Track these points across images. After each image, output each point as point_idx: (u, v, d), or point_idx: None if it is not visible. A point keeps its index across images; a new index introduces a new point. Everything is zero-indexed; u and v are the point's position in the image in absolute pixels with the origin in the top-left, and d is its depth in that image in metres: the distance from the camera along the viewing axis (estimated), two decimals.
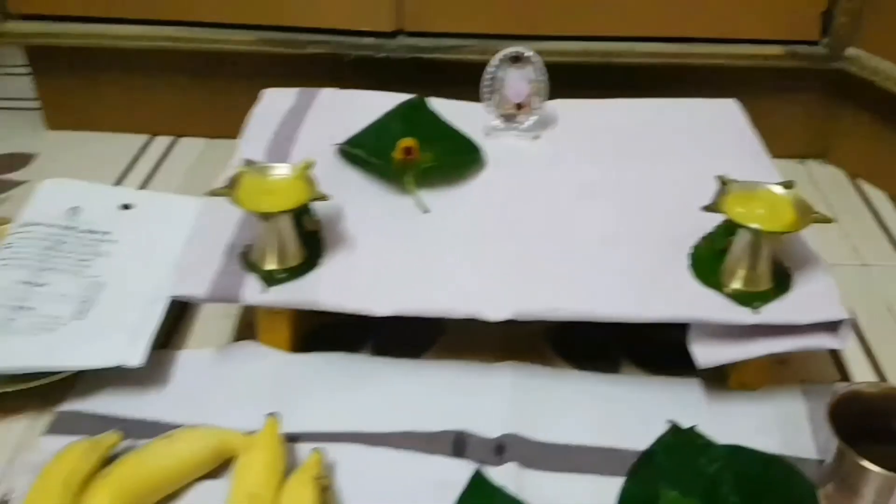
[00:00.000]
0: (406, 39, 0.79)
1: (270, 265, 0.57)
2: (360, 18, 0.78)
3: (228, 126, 0.87)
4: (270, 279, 0.56)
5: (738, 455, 0.51)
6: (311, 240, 0.60)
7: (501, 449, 0.52)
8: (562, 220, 0.63)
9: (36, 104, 0.91)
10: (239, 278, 0.57)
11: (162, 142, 0.89)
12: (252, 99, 0.79)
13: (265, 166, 0.57)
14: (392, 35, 0.79)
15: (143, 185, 0.81)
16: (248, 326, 0.64)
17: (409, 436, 0.53)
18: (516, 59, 0.69)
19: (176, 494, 0.50)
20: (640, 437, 0.53)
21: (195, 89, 0.86)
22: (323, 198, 0.56)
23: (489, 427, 0.54)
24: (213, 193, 0.55)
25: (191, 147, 0.88)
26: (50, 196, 0.70)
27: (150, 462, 0.49)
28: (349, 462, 0.52)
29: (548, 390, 0.57)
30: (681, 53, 0.78)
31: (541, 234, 0.61)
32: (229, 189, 0.55)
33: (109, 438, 0.51)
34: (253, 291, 0.56)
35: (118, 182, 0.81)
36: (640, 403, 0.56)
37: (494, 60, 0.69)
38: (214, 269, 0.57)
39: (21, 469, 0.52)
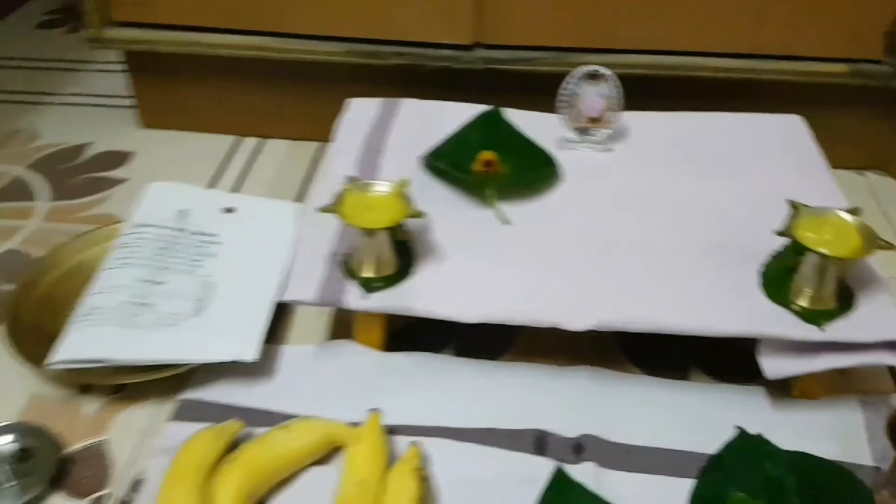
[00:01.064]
0: (483, 52, 0.83)
1: (367, 273, 0.63)
2: (440, 32, 0.83)
3: (310, 129, 0.93)
4: (369, 286, 0.62)
5: (801, 461, 0.56)
6: (403, 249, 0.65)
7: (580, 448, 0.57)
8: (637, 232, 0.67)
9: (130, 102, 0.98)
10: (341, 285, 0.62)
11: (249, 143, 0.94)
12: (332, 104, 0.84)
13: (366, 183, 0.62)
14: (470, 48, 0.84)
15: (237, 186, 0.87)
16: (340, 323, 0.70)
17: (492, 432, 0.59)
18: (593, 76, 0.73)
19: (290, 478, 0.56)
20: (709, 441, 0.57)
21: (280, 94, 0.92)
22: (419, 215, 0.61)
23: (567, 427, 0.59)
24: (324, 210, 0.60)
25: (276, 149, 0.94)
26: (158, 199, 0.77)
27: (271, 449, 0.55)
28: (440, 455, 0.57)
29: (621, 394, 0.62)
30: (748, 69, 0.81)
31: (617, 246, 0.66)
32: (336, 206, 0.60)
33: (232, 426, 0.58)
34: (354, 297, 0.61)
35: (213, 182, 0.87)
36: (709, 409, 0.61)
37: (572, 77, 0.73)
38: (319, 276, 0.63)
39: (151, 452, 0.59)
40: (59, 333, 0.65)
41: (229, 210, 0.77)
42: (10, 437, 0.58)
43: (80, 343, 0.63)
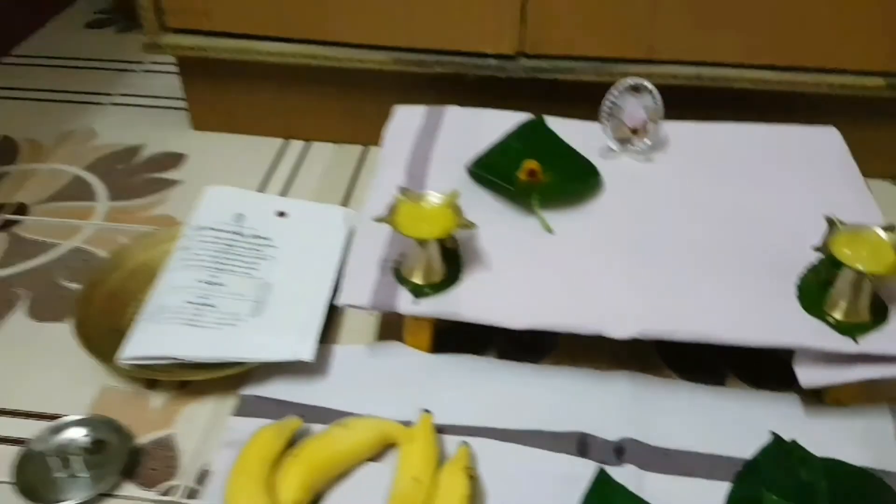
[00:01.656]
0: (526, 61, 0.86)
1: (417, 279, 0.66)
2: (485, 42, 0.85)
3: (355, 132, 0.96)
4: (419, 292, 0.65)
5: (833, 467, 0.58)
6: (451, 257, 0.68)
7: (621, 451, 0.60)
8: (676, 242, 0.69)
9: (181, 104, 1.01)
10: (393, 290, 0.65)
11: (296, 146, 0.98)
12: (377, 108, 0.88)
13: (419, 195, 0.65)
14: (513, 58, 0.86)
15: (286, 189, 0.90)
16: (386, 323, 0.73)
17: (536, 434, 0.62)
18: (635, 89, 0.75)
19: (347, 473, 0.60)
20: (745, 445, 0.60)
21: (326, 98, 0.95)
22: (469, 226, 0.64)
23: (609, 430, 0.62)
24: (378, 220, 0.64)
25: (322, 151, 0.97)
26: (216, 202, 0.80)
27: (331, 445, 0.59)
28: (486, 455, 0.60)
29: (660, 399, 0.65)
30: (785, 81, 0.83)
31: (657, 256, 0.68)
32: (390, 217, 0.63)
33: (292, 423, 0.61)
34: (406, 303, 0.65)
35: (263, 184, 0.91)
36: (744, 415, 0.64)
37: (615, 89, 0.76)
38: (372, 282, 0.66)
39: (216, 445, 0.63)
40: (124, 330, 0.69)
41: (282, 214, 0.81)
42: (84, 430, 0.63)
43: (147, 340, 0.67)
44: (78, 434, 0.62)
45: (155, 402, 0.66)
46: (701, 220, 0.72)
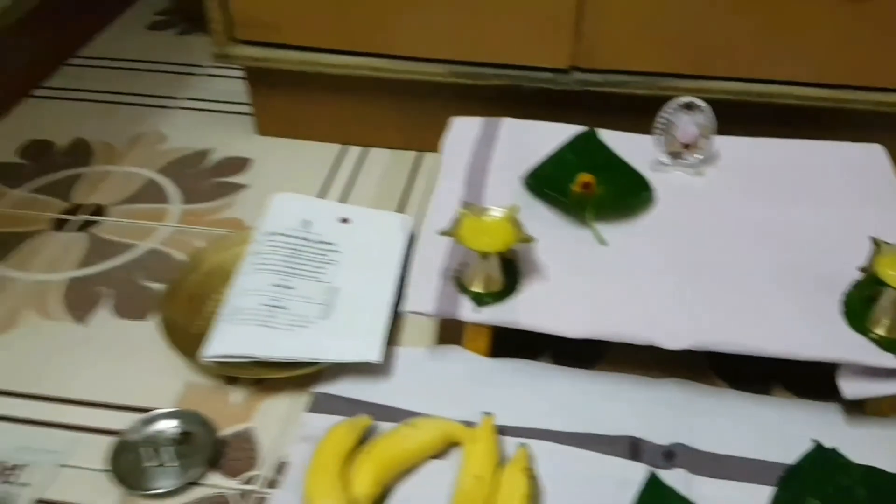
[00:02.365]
0: (579, 75, 0.89)
1: (477, 288, 0.70)
2: (540, 56, 0.89)
3: (409, 139, 1.01)
4: (480, 301, 0.69)
5: (872, 475, 0.62)
6: (509, 266, 0.72)
7: (671, 455, 0.64)
8: (726, 256, 0.73)
9: (245, 109, 1.07)
10: (455, 299, 0.70)
11: (354, 152, 1.02)
12: (432, 117, 0.92)
13: (481, 209, 0.69)
14: (567, 71, 0.89)
15: (345, 194, 0.95)
16: (444, 327, 0.77)
17: (590, 437, 0.66)
18: (689, 107, 0.78)
19: (413, 469, 0.64)
20: (788, 452, 0.64)
21: (384, 107, 0.99)
22: (528, 240, 0.68)
23: (659, 435, 0.66)
24: (443, 233, 0.68)
25: (378, 158, 1.02)
26: (284, 209, 0.85)
27: (399, 443, 0.64)
28: (543, 456, 0.65)
29: (708, 406, 0.69)
30: (832, 98, 0.86)
31: (708, 269, 0.72)
32: (454, 230, 0.68)
33: (363, 421, 0.66)
34: (467, 311, 0.69)
35: (324, 190, 0.95)
36: (788, 423, 0.67)
37: (669, 106, 0.79)
38: (435, 290, 0.70)
39: (293, 439, 0.68)
40: (203, 329, 0.75)
41: (345, 220, 0.85)
42: (173, 422, 0.68)
43: (227, 340, 0.72)
44: (167, 426, 0.68)
45: (235, 398, 0.72)
46: (750, 234, 0.75)
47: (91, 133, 1.05)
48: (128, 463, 0.65)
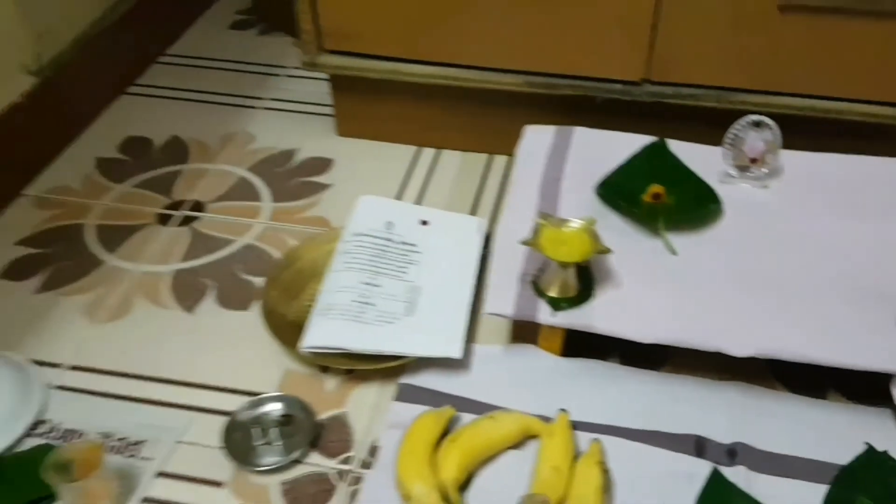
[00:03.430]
0: (650, 87, 0.94)
1: (553, 293, 0.76)
2: (613, 69, 0.93)
3: (481, 142, 1.06)
4: (556, 305, 0.75)
5: None
6: (583, 273, 0.77)
7: (733, 454, 0.70)
8: (789, 267, 0.77)
9: (326, 110, 1.13)
10: (533, 302, 0.76)
11: (427, 153, 1.08)
12: (504, 122, 0.98)
13: (560, 220, 0.75)
14: (639, 83, 0.94)
15: (420, 195, 1.01)
16: (517, 326, 0.83)
17: (657, 435, 0.72)
18: (757, 124, 0.82)
19: (494, 458, 0.71)
20: (842, 454, 0.69)
21: (458, 112, 1.04)
22: (606, 251, 0.73)
23: (722, 434, 0.71)
24: (524, 243, 0.74)
25: (451, 160, 1.07)
26: (368, 211, 0.92)
27: (482, 434, 0.70)
28: (614, 451, 0.71)
29: (768, 408, 0.74)
30: (893, 115, 0.89)
31: (772, 280, 0.76)
32: (535, 240, 0.73)
33: (448, 412, 0.73)
34: (544, 314, 0.75)
35: (401, 191, 1.02)
36: (843, 426, 0.72)
37: (739, 123, 0.83)
38: (514, 294, 0.76)
39: (382, 425, 0.75)
40: (299, 320, 0.82)
41: (425, 223, 0.91)
42: (278, 405, 0.76)
43: (323, 333, 0.79)
44: (273, 408, 0.75)
45: (329, 385, 0.79)
46: (813, 247, 0.79)
47: (184, 131, 1.12)
48: (238, 441, 0.73)
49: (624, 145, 0.90)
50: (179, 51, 1.31)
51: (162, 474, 0.71)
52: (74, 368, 0.80)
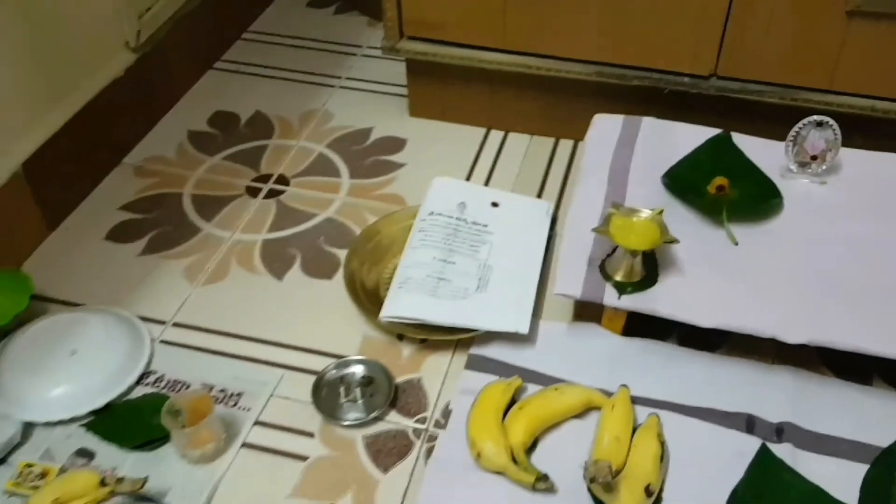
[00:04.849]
0: (718, 82, 0.97)
1: (619, 278, 0.81)
2: (683, 63, 0.97)
3: (548, 126, 1.11)
4: (622, 289, 0.80)
5: None
6: (648, 259, 0.82)
7: (780, 432, 0.75)
8: (845, 261, 0.82)
9: (400, 90, 1.19)
10: (599, 285, 0.81)
11: (496, 136, 1.14)
12: (572, 108, 1.03)
13: (630, 210, 0.80)
14: (706, 77, 0.98)
15: (489, 177, 1.07)
16: (580, 305, 0.88)
17: (711, 412, 0.77)
18: (820, 124, 0.86)
19: (557, 426, 0.77)
20: (884, 436, 0.74)
21: (527, 97, 1.09)
22: (672, 241, 0.78)
23: (772, 414, 0.76)
24: (596, 231, 0.79)
25: (518, 142, 1.13)
26: (442, 191, 0.98)
27: (548, 403, 0.77)
28: (670, 425, 0.76)
29: (816, 392, 0.79)
30: None
31: (827, 272, 0.81)
32: (605, 228, 0.79)
33: (516, 382, 0.80)
34: (610, 297, 0.80)
35: (470, 172, 1.07)
36: (886, 410, 0.77)
37: (802, 122, 0.87)
38: (582, 276, 0.82)
39: (454, 391, 0.82)
40: (375, 291, 0.89)
41: (495, 204, 0.97)
42: (361, 367, 0.83)
43: (401, 305, 0.86)
44: (356, 370, 0.83)
45: (405, 352, 0.86)
46: (867, 243, 0.83)
47: (267, 107, 1.19)
48: (326, 397, 0.81)
49: (690, 137, 0.94)
50: (260, 28, 1.37)
51: (259, 423, 0.79)
52: (177, 325, 0.88)
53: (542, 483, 0.71)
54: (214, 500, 0.73)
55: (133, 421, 0.79)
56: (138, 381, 0.82)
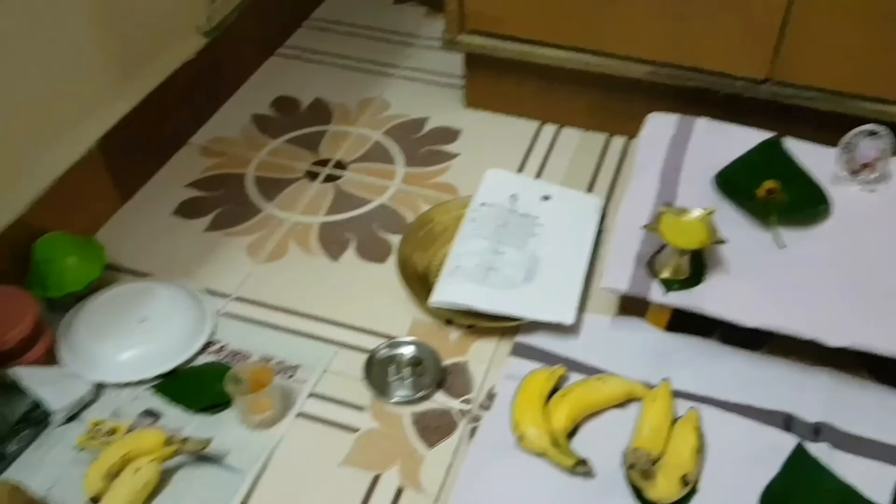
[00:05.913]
0: (772, 87, 0.98)
1: (666, 275, 0.83)
2: (738, 66, 0.98)
3: (601, 122, 1.13)
4: (668, 286, 0.83)
5: None
6: (695, 258, 0.84)
7: (817, 431, 0.77)
8: (890, 268, 0.82)
9: (456, 81, 1.22)
10: (646, 281, 0.84)
11: (549, 129, 1.16)
12: (625, 105, 1.05)
13: (680, 209, 0.82)
14: (761, 82, 0.98)
15: (540, 170, 1.09)
16: (625, 300, 0.91)
17: (750, 408, 0.79)
18: (872, 133, 0.87)
19: (598, 414, 0.80)
20: None
21: (581, 93, 1.11)
22: (722, 242, 0.79)
23: (809, 413, 0.78)
24: (646, 228, 0.81)
25: (570, 136, 1.15)
26: (495, 183, 1.01)
27: (590, 392, 0.80)
28: (709, 419, 0.79)
29: (854, 394, 0.80)
30: None
31: (871, 280, 0.82)
32: (656, 226, 0.81)
33: (560, 371, 0.83)
34: (657, 293, 0.83)
35: (522, 165, 1.10)
36: None
37: (854, 131, 0.88)
38: (629, 272, 0.84)
39: (499, 375, 0.85)
40: (426, 277, 0.92)
41: (546, 198, 1.00)
42: (410, 348, 0.87)
43: (451, 291, 0.89)
44: (406, 350, 0.87)
45: (452, 336, 0.89)
46: None
47: (327, 93, 1.23)
48: (376, 375, 0.85)
49: (742, 139, 0.95)
50: (322, 15, 1.41)
51: (313, 395, 0.84)
52: (238, 299, 0.93)
53: (580, 467, 0.74)
54: (271, 463, 0.78)
55: (197, 386, 0.85)
56: (202, 350, 0.88)
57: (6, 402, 0.79)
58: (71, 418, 0.81)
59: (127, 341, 0.86)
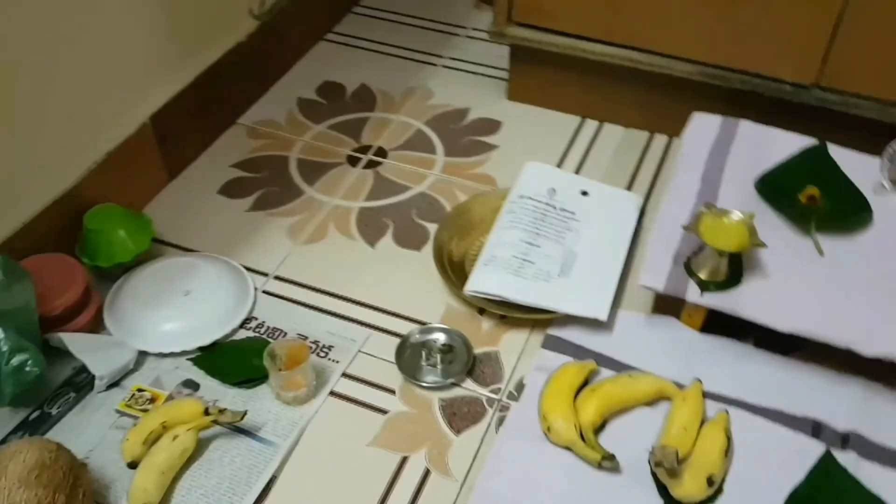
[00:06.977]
0: (818, 93, 0.97)
1: (703, 275, 0.83)
2: (786, 70, 0.98)
3: (644, 120, 1.12)
4: (705, 287, 0.83)
5: None
6: (733, 260, 0.84)
7: (846, 440, 0.77)
8: None
9: (499, 73, 1.23)
10: (683, 281, 0.84)
11: (590, 125, 1.16)
12: (669, 104, 1.05)
13: (721, 210, 0.81)
14: (808, 87, 0.98)
15: (580, 165, 1.10)
16: (659, 299, 0.91)
17: (779, 413, 0.79)
18: None
19: (627, 410, 0.81)
20: None
21: (625, 90, 1.11)
22: (761, 245, 0.79)
23: (839, 421, 0.78)
24: (686, 228, 0.82)
25: (612, 132, 1.15)
26: (534, 176, 1.02)
27: (620, 388, 0.81)
28: (737, 421, 0.79)
29: (885, 405, 0.79)
30: None
31: None
32: (695, 226, 0.81)
33: (590, 365, 0.83)
34: (693, 293, 0.83)
35: (562, 159, 1.10)
36: None
37: None
38: (667, 271, 0.84)
39: (530, 367, 0.86)
40: (461, 266, 0.94)
41: (585, 193, 1.00)
42: (442, 335, 0.88)
43: (486, 281, 0.90)
44: (438, 337, 0.88)
45: (484, 325, 0.90)
46: None
47: (372, 80, 1.25)
48: (408, 359, 0.87)
49: (785, 144, 0.95)
50: (370, 3, 1.43)
51: (346, 375, 0.86)
52: (277, 278, 0.95)
53: (607, 462, 0.75)
54: (303, 438, 0.80)
55: (235, 360, 0.87)
56: (241, 325, 0.90)
57: (52, 366, 0.83)
58: (113, 385, 0.84)
59: (170, 313, 0.89)
